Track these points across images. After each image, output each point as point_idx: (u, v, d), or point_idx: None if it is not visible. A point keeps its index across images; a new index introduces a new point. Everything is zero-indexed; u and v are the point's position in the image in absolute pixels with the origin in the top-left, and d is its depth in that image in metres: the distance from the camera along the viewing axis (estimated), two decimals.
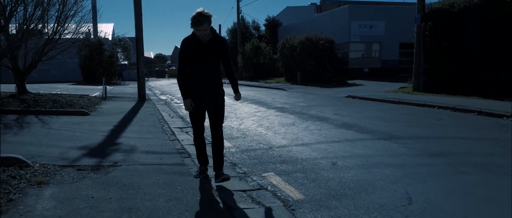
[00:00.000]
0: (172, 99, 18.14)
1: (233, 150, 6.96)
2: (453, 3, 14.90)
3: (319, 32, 27.79)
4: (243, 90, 23.16)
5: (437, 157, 6.09)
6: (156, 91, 25.10)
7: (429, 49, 15.68)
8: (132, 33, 33.38)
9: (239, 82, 24.68)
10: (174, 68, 64.29)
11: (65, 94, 15.74)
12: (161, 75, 59.11)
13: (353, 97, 16.30)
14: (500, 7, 12.87)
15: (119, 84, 31.58)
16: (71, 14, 14.25)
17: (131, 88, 24.43)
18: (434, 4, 16.27)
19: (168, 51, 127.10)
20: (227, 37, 45.75)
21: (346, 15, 31.65)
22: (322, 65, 26.41)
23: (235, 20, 43.86)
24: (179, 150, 7.01)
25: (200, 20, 4.48)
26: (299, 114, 11.28)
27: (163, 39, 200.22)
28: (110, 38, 37.50)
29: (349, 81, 26.18)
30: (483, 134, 7.86)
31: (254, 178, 5.23)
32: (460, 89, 14.17)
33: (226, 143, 7.45)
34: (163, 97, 19.82)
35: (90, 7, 23.91)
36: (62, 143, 7.23)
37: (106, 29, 39.91)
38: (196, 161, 6.34)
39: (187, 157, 6.48)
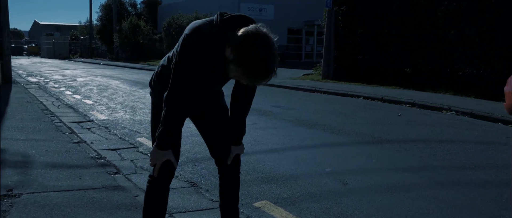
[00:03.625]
0: (46, 82, 14.97)
1: None
2: None
3: (208, 12, 25.98)
4: (128, 73, 20.66)
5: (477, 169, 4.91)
6: (20, 71, 21.07)
7: (342, 35, 14.97)
8: None
9: (117, 63, 21.88)
10: (33, 45, 56.90)
11: None
12: (18, 53, 51.78)
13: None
14: None
15: None
16: None
17: None
18: None
19: (25, 27, 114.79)
20: (100, 14, 41.43)
21: None
22: None
23: None
24: (97, 159, 4.89)
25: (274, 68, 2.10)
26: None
27: (18, 13, 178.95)
28: None
29: None
30: (471, 135, 6.98)
31: (243, 210, 3.48)
32: (375, 79, 13.67)
33: None
34: (32, 79, 16.39)
35: None
36: None
37: None
38: (132, 178, 4.35)
39: (116, 173, 4.44)
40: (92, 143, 5.71)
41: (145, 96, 10.76)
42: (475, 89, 10.94)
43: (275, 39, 2.13)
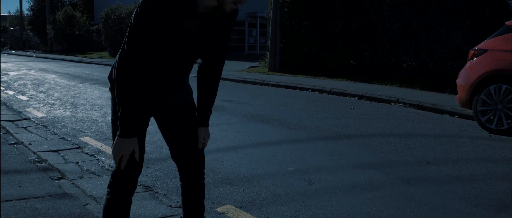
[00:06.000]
0: None
1: None
2: None
3: None
4: (64, 66, 19.46)
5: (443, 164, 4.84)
6: None
7: (288, 28, 14.84)
8: None
9: (52, 56, 20.72)
10: None
11: None
12: None
13: None
14: None
15: None
16: None
17: None
18: None
19: None
20: (31, 4, 38.98)
21: None
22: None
23: None
24: (38, 163, 4.40)
25: None
26: None
27: None
28: None
29: None
30: (434, 128, 7.00)
31: (206, 217, 3.17)
32: (322, 71, 13.66)
33: (107, 148, 5.04)
34: None
35: None
36: None
37: None
38: (79, 183, 3.90)
39: (60, 178, 3.99)
40: (30, 144, 5.17)
41: (86, 92, 10.08)
42: (421, 81, 11.19)
43: None
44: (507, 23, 6.75)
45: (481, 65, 6.52)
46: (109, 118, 2.50)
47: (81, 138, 5.50)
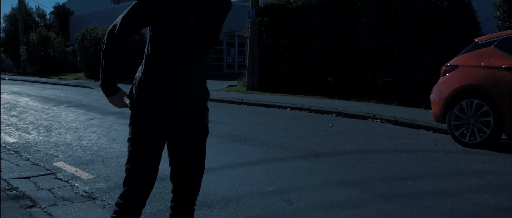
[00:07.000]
0: None
1: (101, 184, 4.54)
2: None
3: None
4: (38, 89, 19.12)
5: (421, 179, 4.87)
6: None
7: (266, 46, 14.94)
8: None
9: (26, 78, 20.40)
10: None
11: None
12: None
13: None
14: (342, 5, 12.79)
15: None
16: None
17: None
18: None
19: None
20: (4, 25, 38.38)
21: None
22: (131, 60, 23.73)
23: (15, 5, 37.02)
24: (8, 191, 4.31)
25: None
26: None
27: None
28: None
29: None
30: (420, 144, 7.06)
31: None
32: (300, 89, 13.76)
33: (82, 173, 4.94)
34: None
35: None
36: None
37: None
38: (53, 211, 3.79)
39: (32, 207, 3.88)
40: (0, 171, 5.01)
41: (60, 115, 9.90)
42: (397, 96, 11.36)
43: None
44: (476, 39, 6.94)
45: (453, 81, 6.66)
46: (84, 142, 2.46)
47: (55, 163, 5.37)
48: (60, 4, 40.91)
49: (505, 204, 4.00)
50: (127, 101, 2.31)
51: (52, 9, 40.70)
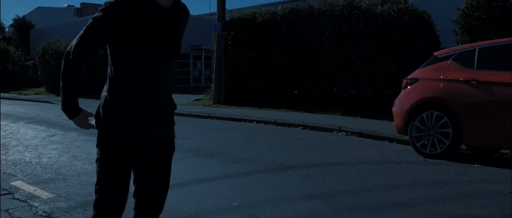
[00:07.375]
0: None
1: (61, 203, 4.40)
2: (255, 13, 14.54)
3: None
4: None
5: (383, 190, 4.92)
6: None
7: (232, 60, 14.96)
8: None
9: None
10: None
11: None
12: None
13: None
14: (307, 20, 12.99)
15: None
16: None
17: None
18: (235, 13, 15.68)
19: None
20: None
21: None
22: (95, 75, 23.30)
23: None
24: None
25: None
26: None
27: None
28: None
29: None
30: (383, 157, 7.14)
31: None
32: (266, 102, 13.83)
33: (41, 192, 4.78)
34: None
35: None
36: None
37: None
38: None
39: None
40: None
41: (19, 132, 9.59)
42: (361, 109, 11.57)
43: None
44: (435, 53, 7.16)
45: (414, 94, 6.84)
46: (44, 159, 2.40)
47: (12, 183, 5.17)
48: (20, 16, 39.98)
49: (461, 212, 4.12)
50: (92, 121, 2.27)
51: (12, 22, 39.69)
